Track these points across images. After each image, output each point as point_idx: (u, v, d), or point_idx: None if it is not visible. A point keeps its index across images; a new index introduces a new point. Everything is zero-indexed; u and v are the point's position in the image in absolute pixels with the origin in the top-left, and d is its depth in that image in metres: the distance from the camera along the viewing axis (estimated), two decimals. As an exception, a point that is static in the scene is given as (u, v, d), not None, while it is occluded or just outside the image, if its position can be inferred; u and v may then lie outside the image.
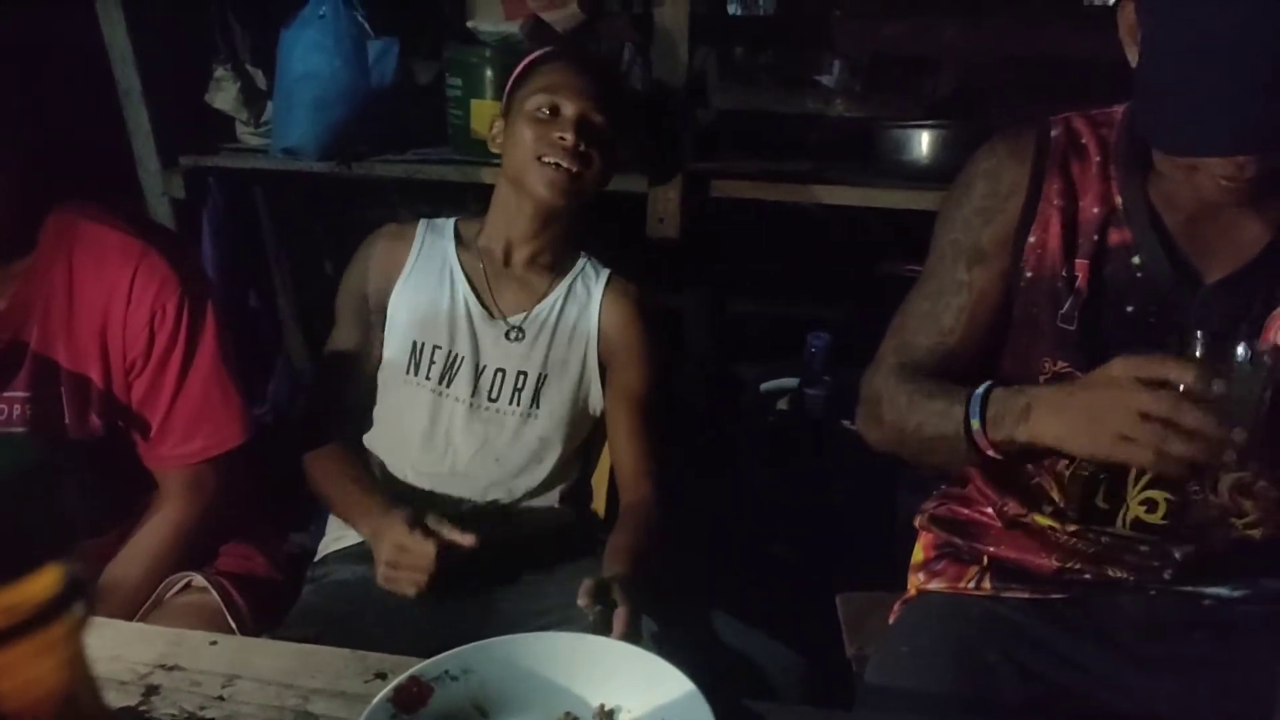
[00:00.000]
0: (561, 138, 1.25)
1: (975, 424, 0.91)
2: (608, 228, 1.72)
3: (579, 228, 1.37)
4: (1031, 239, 0.98)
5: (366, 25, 1.81)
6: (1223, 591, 1.01)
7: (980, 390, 0.92)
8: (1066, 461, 1.00)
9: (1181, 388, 0.77)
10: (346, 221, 1.96)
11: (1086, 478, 0.99)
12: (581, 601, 0.98)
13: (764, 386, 1.96)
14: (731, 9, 3.10)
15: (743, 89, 2.27)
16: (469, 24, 1.85)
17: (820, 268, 2.08)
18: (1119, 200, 0.95)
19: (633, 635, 0.98)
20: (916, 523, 1.20)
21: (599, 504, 1.44)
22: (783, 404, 1.86)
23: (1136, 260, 0.95)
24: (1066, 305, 0.97)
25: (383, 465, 1.34)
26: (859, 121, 2.05)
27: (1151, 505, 0.99)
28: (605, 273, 1.38)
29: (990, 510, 1.10)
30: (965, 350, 1.02)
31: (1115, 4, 0.93)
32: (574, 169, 1.26)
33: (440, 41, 1.94)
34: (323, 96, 1.77)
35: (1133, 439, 0.78)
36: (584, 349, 1.34)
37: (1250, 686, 0.93)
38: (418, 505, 1.22)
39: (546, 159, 1.26)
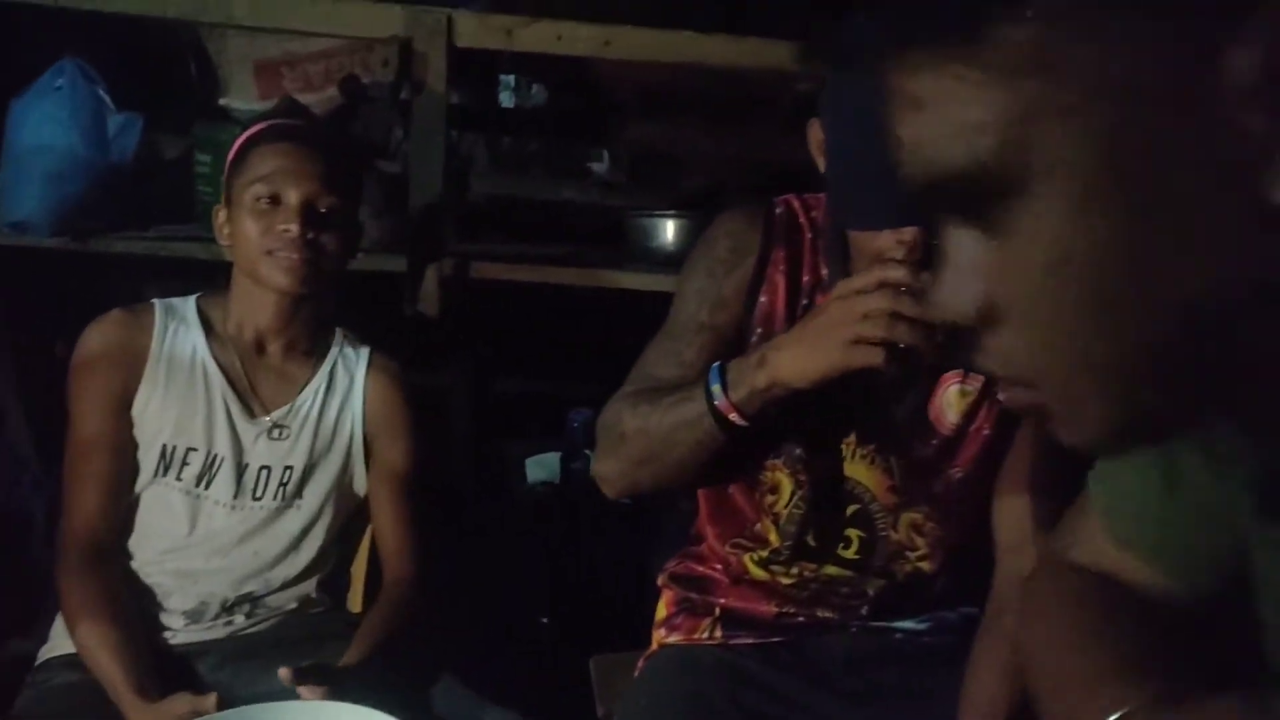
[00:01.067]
0: (285, 229, 1.20)
1: (716, 388, 0.97)
2: (369, 306, 1.74)
3: (331, 306, 1.36)
4: (762, 299, 1.09)
5: (108, 99, 1.75)
6: (909, 625, 1.15)
7: (717, 363, 1.00)
8: (783, 501, 1.11)
9: (899, 275, 0.88)
10: (82, 300, 1.85)
11: (801, 515, 1.11)
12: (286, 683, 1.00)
13: (528, 462, 2.01)
14: (505, 98, 3.23)
15: (505, 176, 2.36)
16: (221, 101, 1.83)
17: (581, 347, 2.18)
18: (824, 272, 1.09)
19: None
20: (659, 582, 1.28)
21: (355, 595, 1.42)
22: (547, 478, 1.92)
23: None
24: None
25: (135, 563, 1.26)
26: (614, 210, 2.20)
27: (848, 542, 1.11)
28: (365, 351, 1.37)
29: (720, 566, 1.20)
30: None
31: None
32: (306, 256, 1.22)
33: (190, 117, 1.90)
34: (57, 170, 1.68)
35: (860, 340, 0.88)
36: (348, 433, 1.34)
37: (937, 714, 1.06)
38: (168, 599, 1.19)
39: (276, 253, 1.21)
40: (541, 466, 2.00)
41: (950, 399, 1.09)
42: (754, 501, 1.14)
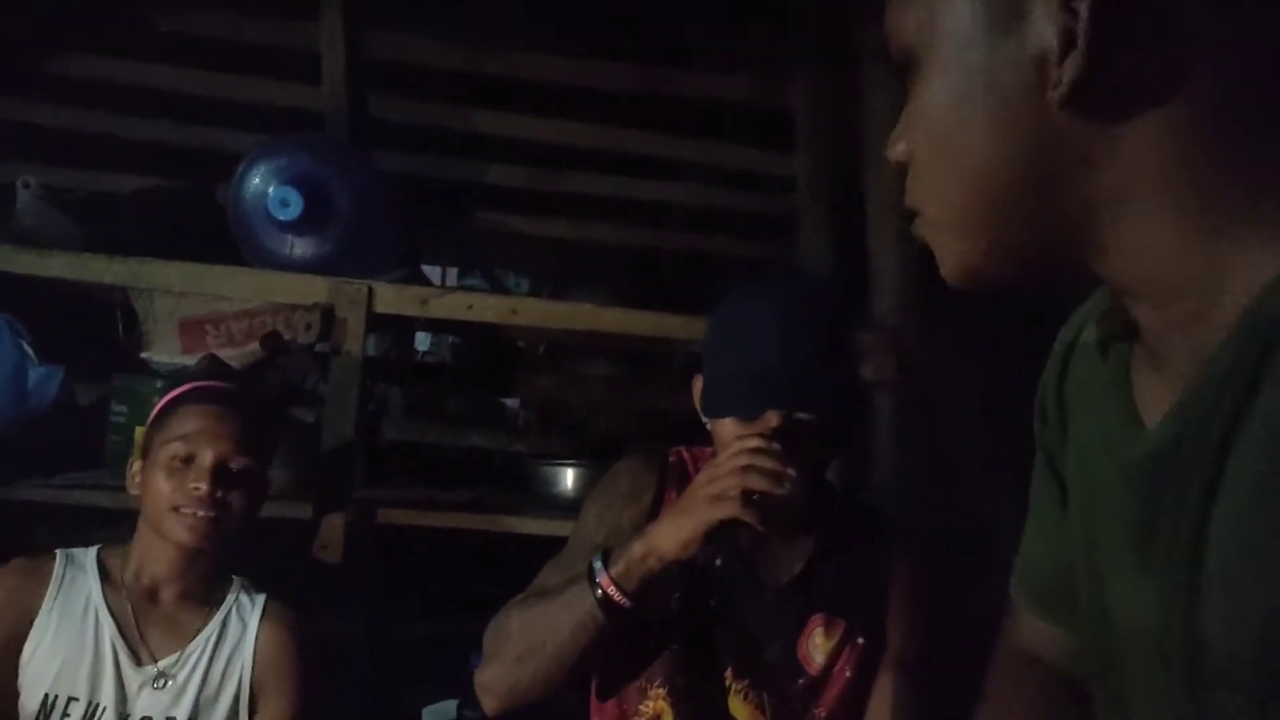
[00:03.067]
0: (195, 487, 1.26)
1: (598, 565, 1.04)
2: (273, 551, 1.76)
3: (229, 557, 1.39)
4: None
5: (30, 352, 1.82)
6: None
7: (601, 550, 1.07)
8: (671, 690, 1.16)
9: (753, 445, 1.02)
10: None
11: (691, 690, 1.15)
12: None
13: (425, 710, 1.98)
14: (421, 346, 3.40)
15: (414, 423, 2.47)
16: (143, 354, 1.92)
17: (481, 591, 2.21)
18: None
19: None
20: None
21: None
22: (444, 728, 1.88)
23: (718, 563, 1.17)
24: (674, 593, 1.17)
25: None
26: (519, 456, 2.31)
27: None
28: (261, 599, 1.40)
29: None
30: None
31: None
32: (211, 514, 1.27)
33: (110, 367, 1.97)
34: (-31, 418, 1.72)
35: (720, 495, 0.99)
36: (236, 684, 1.34)
37: None
38: None
39: (183, 509, 1.27)
40: (437, 715, 1.96)
41: (816, 641, 1.18)
42: None
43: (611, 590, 1.04)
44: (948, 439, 1.98)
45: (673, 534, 1.03)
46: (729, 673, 1.18)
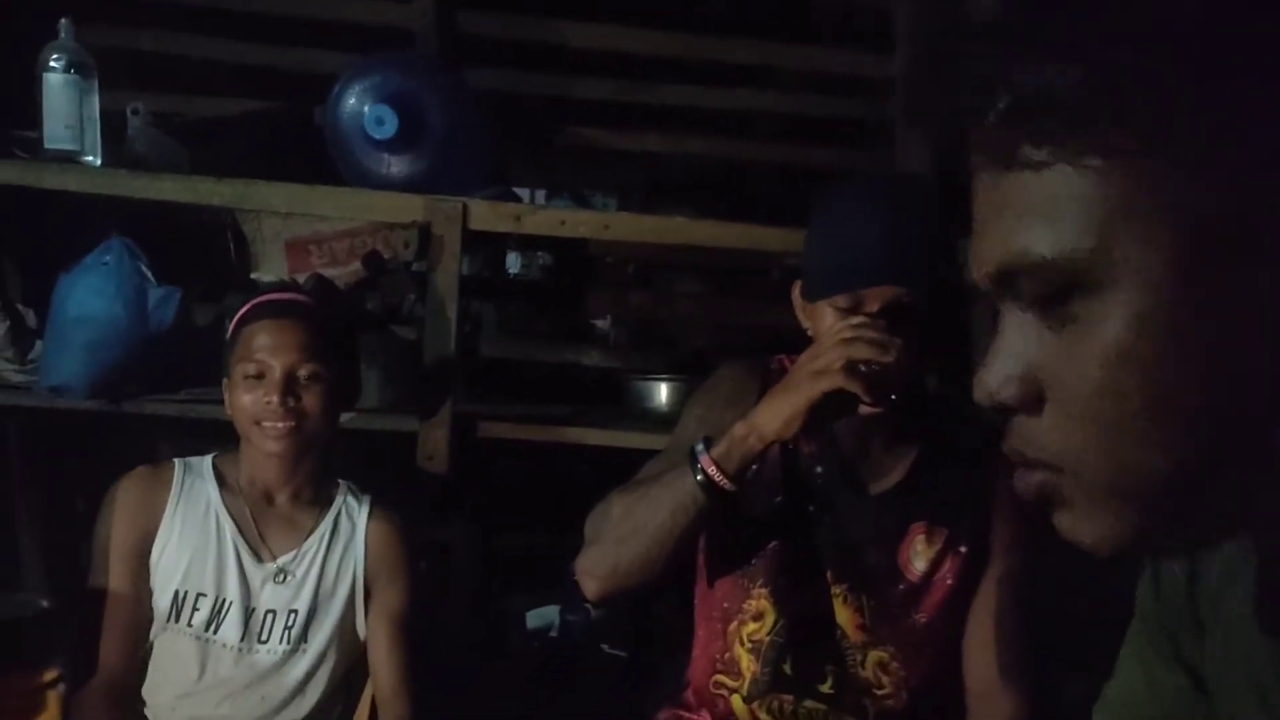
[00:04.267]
0: (269, 400, 1.31)
1: (699, 447, 1.06)
2: (381, 462, 1.83)
3: (333, 459, 1.45)
4: None
5: (150, 274, 1.91)
6: None
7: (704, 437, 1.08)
8: (766, 629, 1.18)
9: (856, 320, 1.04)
10: (107, 458, 1.95)
11: (781, 644, 1.17)
12: None
13: (529, 614, 2.06)
14: (511, 266, 3.45)
15: (511, 340, 2.52)
16: (253, 275, 1.99)
17: (581, 503, 2.27)
18: None
19: None
20: (652, 729, 1.32)
21: (361, 732, 1.46)
22: (545, 629, 1.96)
23: (819, 469, 1.19)
24: (777, 493, 1.19)
25: (149, 709, 1.32)
26: (614, 372, 2.33)
27: (823, 677, 1.18)
28: (367, 500, 1.46)
29: (707, 713, 1.25)
30: None
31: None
32: (290, 423, 1.32)
33: (223, 287, 2.06)
34: (99, 339, 1.82)
35: (824, 369, 1.00)
36: (351, 580, 1.41)
37: None
38: None
39: (264, 423, 1.32)
40: (540, 618, 2.04)
41: (918, 548, 1.18)
42: (739, 632, 1.20)
43: (712, 471, 1.05)
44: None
45: (776, 411, 1.03)
46: (830, 576, 1.19)
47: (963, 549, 1.18)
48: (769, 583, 1.18)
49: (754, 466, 1.16)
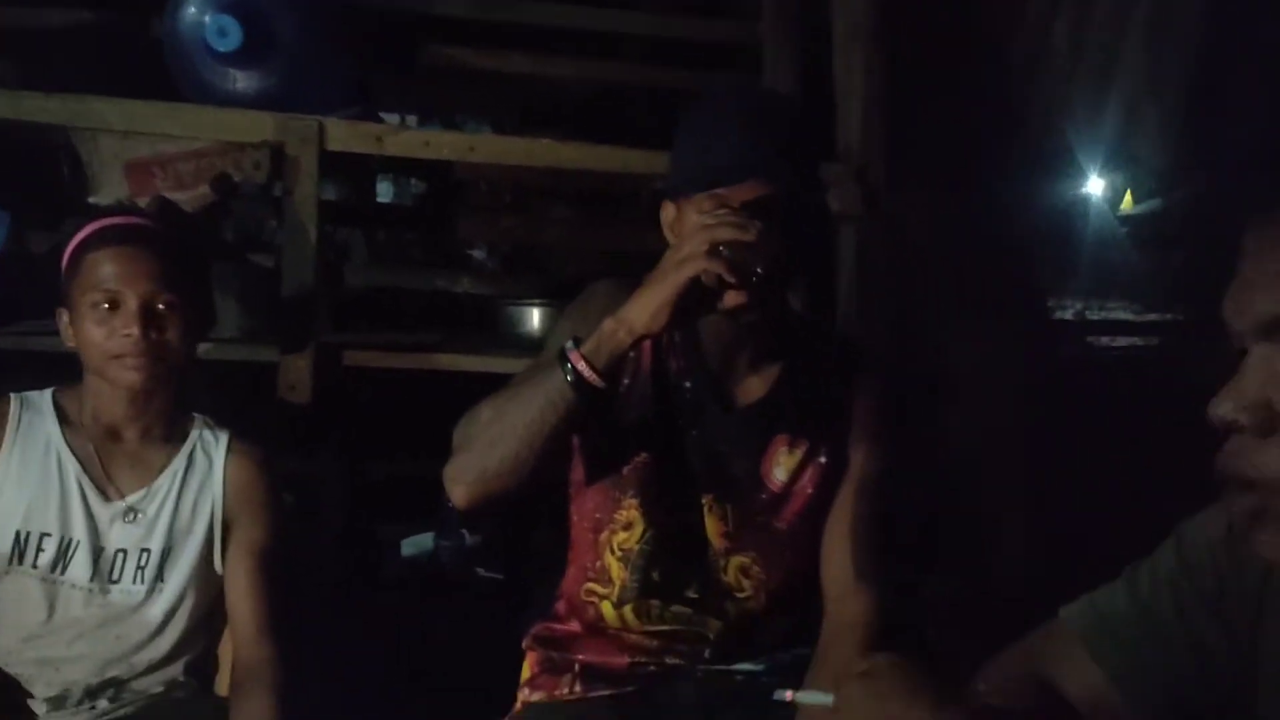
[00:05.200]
0: (127, 334, 1.23)
1: (569, 344, 1.06)
2: (242, 394, 1.78)
3: (183, 392, 1.38)
4: (632, 353, 1.16)
5: (-26, 197, 1.77)
6: (748, 667, 1.25)
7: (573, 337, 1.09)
8: (635, 538, 1.21)
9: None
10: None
11: (649, 552, 1.21)
12: None
13: (403, 542, 2.05)
14: (383, 194, 3.35)
15: (378, 269, 2.46)
16: (91, 199, 1.87)
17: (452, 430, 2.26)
18: (676, 336, 1.21)
19: None
20: (524, 645, 1.35)
21: (224, 678, 1.43)
22: (419, 555, 1.97)
23: (687, 384, 1.21)
24: (647, 407, 1.20)
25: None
26: (485, 299, 2.31)
27: (688, 582, 1.22)
28: (225, 435, 1.41)
29: (577, 622, 1.28)
30: None
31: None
32: (151, 356, 1.25)
33: (60, 213, 1.93)
34: (-82, 265, 1.69)
35: (687, 256, 1.02)
36: (208, 516, 1.36)
37: None
38: (32, 686, 1.21)
39: (122, 357, 1.25)
40: (415, 546, 2.04)
41: (780, 459, 1.22)
42: (609, 542, 1.23)
43: (582, 366, 1.05)
44: (912, 273, 2.00)
45: (644, 304, 1.04)
46: (696, 487, 1.22)
47: (822, 460, 1.23)
48: (638, 494, 1.21)
49: (624, 377, 1.19)
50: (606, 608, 1.24)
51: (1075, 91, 2.08)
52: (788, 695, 1.11)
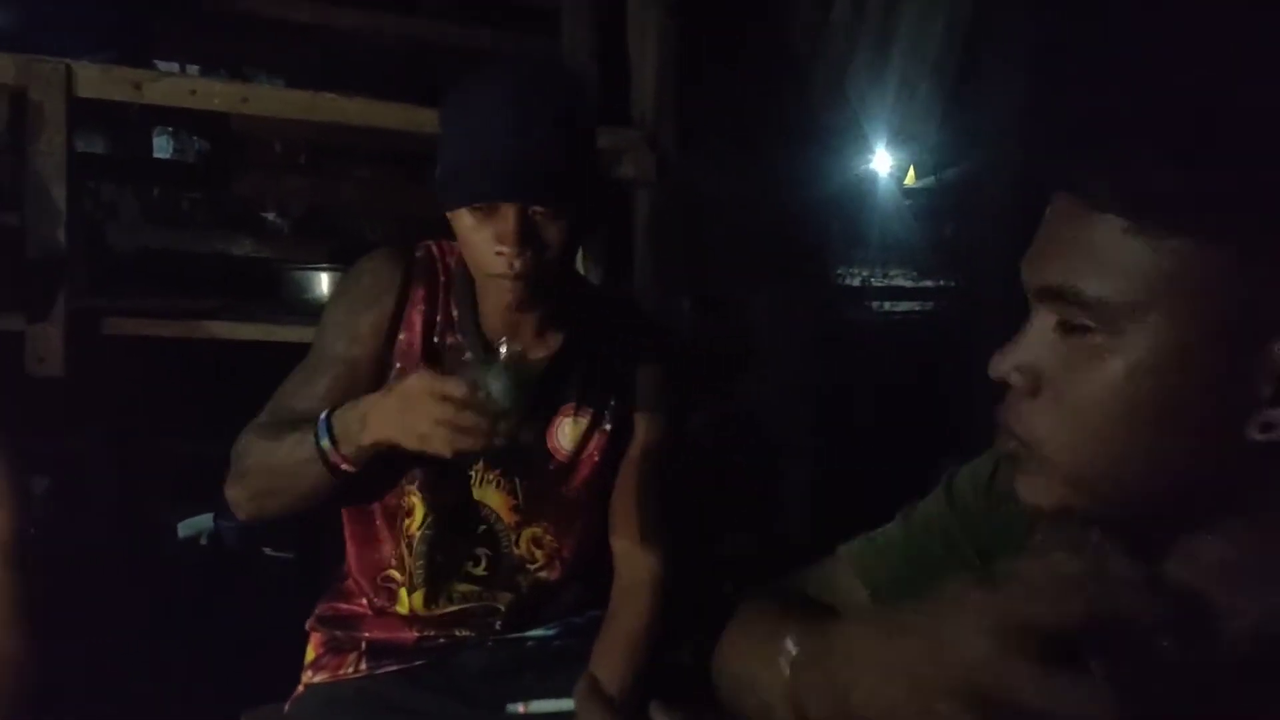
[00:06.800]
0: None
1: (325, 443, 1.05)
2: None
3: None
4: (401, 335, 1.16)
5: None
6: (540, 633, 1.26)
7: (325, 414, 1.06)
8: (417, 523, 1.19)
9: (460, 396, 0.99)
10: None
11: (432, 536, 1.19)
12: None
13: (181, 524, 1.92)
14: (162, 148, 3.08)
15: (152, 230, 2.27)
16: None
17: (235, 403, 2.13)
18: (455, 312, 1.18)
19: None
20: (308, 626, 1.29)
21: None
22: (197, 535, 1.85)
23: (466, 358, 1.17)
24: None
25: None
26: (271, 263, 2.18)
27: (477, 560, 1.21)
28: None
29: (364, 601, 1.24)
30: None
31: None
32: None
33: None
34: None
35: (431, 436, 0.99)
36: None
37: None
38: None
39: None
40: (192, 528, 1.92)
41: (565, 429, 1.22)
42: (392, 527, 1.20)
43: (345, 466, 1.06)
44: (705, 237, 2.05)
45: (395, 433, 1.02)
46: (481, 464, 1.20)
47: (607, 427, 1.23)
48: (417, 478, 1.18)
49: (395, 361, 1.16)
50: (403, 594, 1.22)
51: (856, 69, 2.19)
52: (520, 709, 1.15)
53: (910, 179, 3.83)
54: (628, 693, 1.15)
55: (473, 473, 1.20)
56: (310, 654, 1.27)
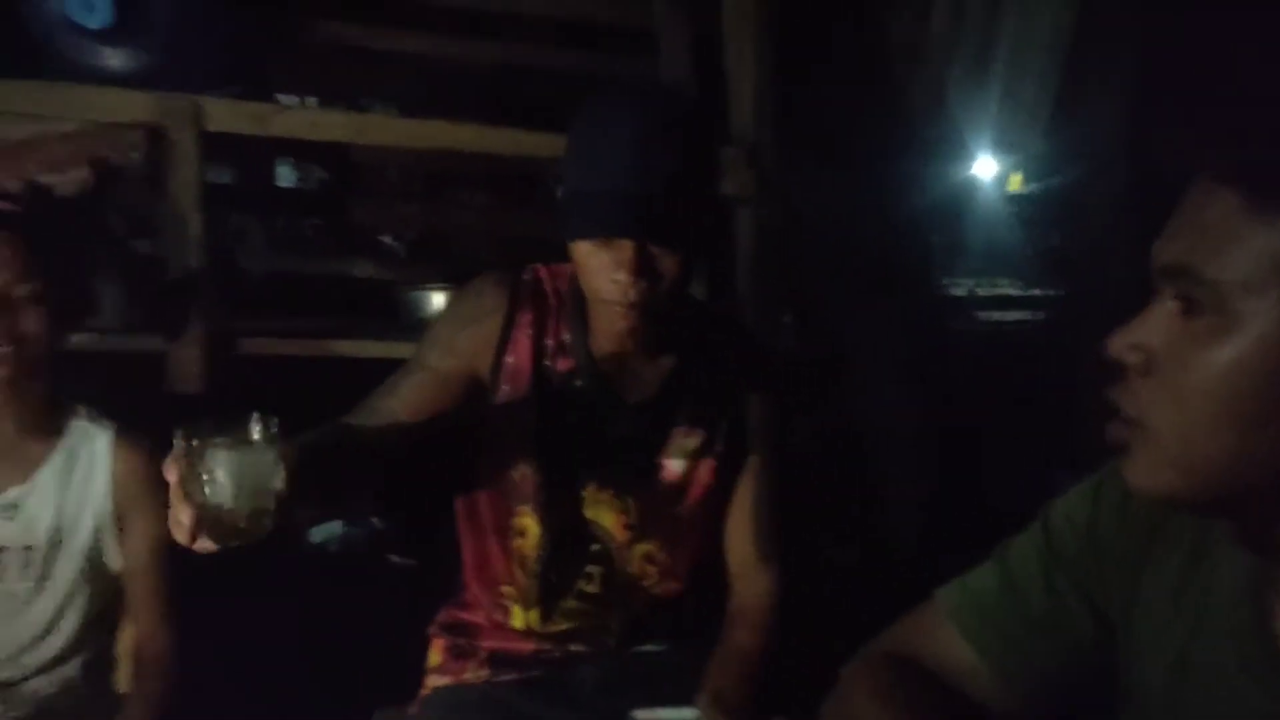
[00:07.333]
0: None
1: None
2: (130, 386, 1.72)
3: (60, 384, 1.34)
4: (509, 359, 1.18)
5: None
6: (652, 647, 1.28)
7: None
8: (531, 543, 1.21)
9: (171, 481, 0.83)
10: None
11: (546, 555, 1.21)
12: None
13: (313, 530, 2.02)
14: (285, 179, 3.25)
15: (278, 255, 2.40)
16: (-42, 185, 1.77)
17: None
18: (565, 336, 1.19)
19: None
20: (430, 631, 1.35)
21: (124, 674, 1.40)
22: (326, 542, 1.94)
23: (577, 383, 1.19)
24: (532, 413, 1.18)
25: None
26: (389, 284, 2.28)
27: (589, 578, 1.23)
28: (110, 427, 1.37)
29: (482, 613, 1.29)
30: (407, 416, 1.13)
31: None
32: (8, 349, 1.21)
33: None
34: None
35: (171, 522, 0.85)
36: (95, 511, 1.32)
37: None
38: None
39: None
40: (322, 533, 2.02)
41: (676, 451, 1.23)
42: (504, 546, 1.24)
43: None
44: (807, 251, 2.05)
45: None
46: (593, 485, 1.22)
47: (718, 449, 1.24)
48: (530, 500, 1.20)
49: (504, 384, 1.17)
50: (517, 611, 1.25)
51: (957, 77, 2.16)
52: (642, 716, 1.15)
53: (1014, 185, 3.73)
54: (743, 709, 1.15)
55: (584, 494, 1.22)
56: (433, 658, 1.32)
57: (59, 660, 1.29)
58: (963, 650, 0.79)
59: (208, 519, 0.83)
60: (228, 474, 0.83)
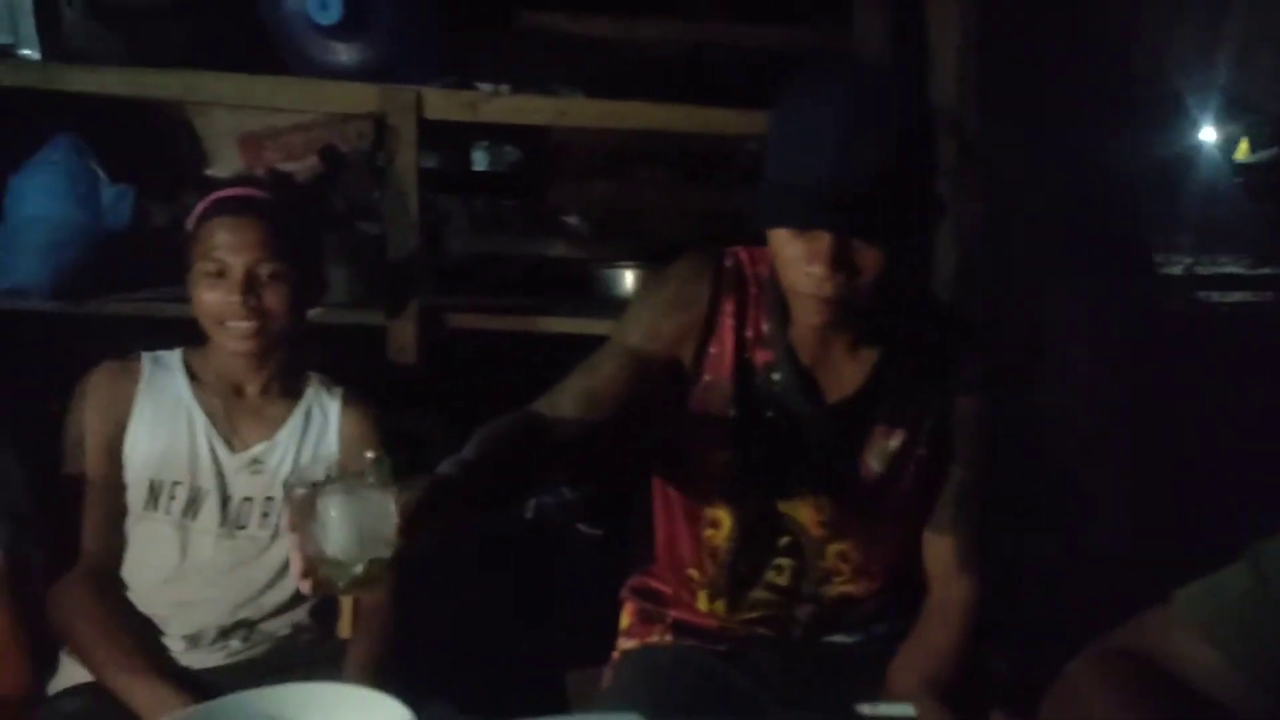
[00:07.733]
0: (230, 300, 1.30)
1: None
2: (351, 357, 1.85)
3: (300, 352, 1.46)
4: (712, 349, 1.16)
5: (101, 172, 1.87)
6: (840, 639, 1.27)
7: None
8: (723, 535, 1.22)
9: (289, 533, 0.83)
10: (76, 359, 1.95)
11: (737, 547, 1.22)
12: None
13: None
14: (478, 162, 3.41)
15: (479, 234, 2.51)
16: (208, 171, 1.96)
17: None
18: (765, 327, 1.17)
19: None
20: (622, 595, 1.39)
21: (345, 622, 1.51)
22: (527, 513, 2.03)
23: (776, 377, 1.17)
24: (731, 405, 1.17)
25: (134, 594, 1.36)
26: (581, 263, 2.35)
27: (779, 570, 1.23)
28: (338, 391, 1.49)
29: (673, 583, 1.31)
30: (607, 394, 1.12)
31: None
32: (253, 323, 1.32)
33: (179, 186, 2.03)
34: (55, 239, 1.80)
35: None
36: (325, 464, 1.43)
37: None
38: (167, 625, 1.32)
39: (226, 321, 1.32)
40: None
41: (877, 451, 1.19)
42: (694, 532, 1.25)
43: None
44: (1009, 222, 1.95)
45: None
46: (789, 482, 1.20)
47: (921, 451, 1.19)
48: (724, 491, 1.20)
49: (705, 373, 1.17)
50: (702, 596, 1.27)
51: (1184, 36, 1.98)
52: (865, 710, 1.12)
53: (1243, 153, 3.39)
54: (959, 700, 1.13)
55: (779, 490, 1.20)
56: (624, 621, 1.36)
57: (291, 603, 1.41)
58: (1208, 655, 0.75)
59: (323, 569, 0.81)
60: (340, 522, 0.81)
